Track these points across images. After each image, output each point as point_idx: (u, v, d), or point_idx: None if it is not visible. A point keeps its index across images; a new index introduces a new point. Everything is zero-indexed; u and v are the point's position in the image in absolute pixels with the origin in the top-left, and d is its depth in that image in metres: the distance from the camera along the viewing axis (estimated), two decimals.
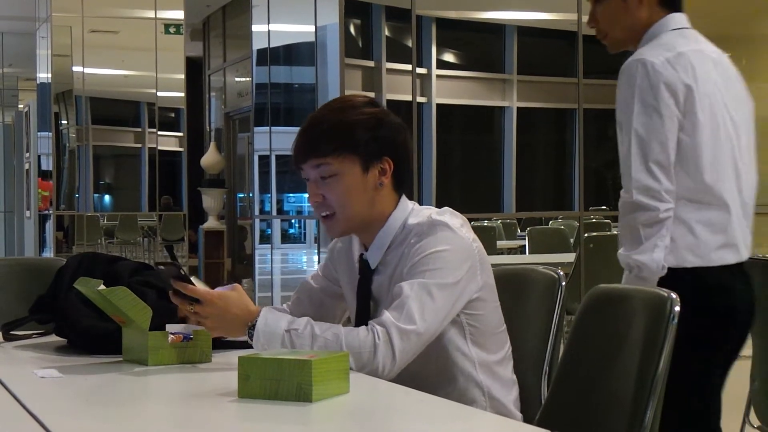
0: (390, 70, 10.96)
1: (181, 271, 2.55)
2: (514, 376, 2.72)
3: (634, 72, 3.02)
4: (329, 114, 2.64)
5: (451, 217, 2.63)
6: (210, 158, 14.75)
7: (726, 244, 3.05)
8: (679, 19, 3.20)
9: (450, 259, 2.53)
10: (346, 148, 2.58)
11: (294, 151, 2.66)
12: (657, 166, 2.97)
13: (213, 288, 2.59)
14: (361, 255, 2.71)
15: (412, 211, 2.67)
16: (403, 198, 2.69)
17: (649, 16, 3.18)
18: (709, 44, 3.22)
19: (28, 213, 16.15)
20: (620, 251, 3.09)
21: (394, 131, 2.65)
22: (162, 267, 2.60)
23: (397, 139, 2.65)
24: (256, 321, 2.48)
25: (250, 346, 2.49)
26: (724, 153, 3.06)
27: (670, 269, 2.97)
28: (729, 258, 3.05)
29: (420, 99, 10.75)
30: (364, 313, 2.65)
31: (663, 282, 2.83)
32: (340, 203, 2.61)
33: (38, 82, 14.65)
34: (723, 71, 3.14)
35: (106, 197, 15.09)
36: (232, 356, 2.22)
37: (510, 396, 2.68)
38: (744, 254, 3.12)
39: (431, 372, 2.60)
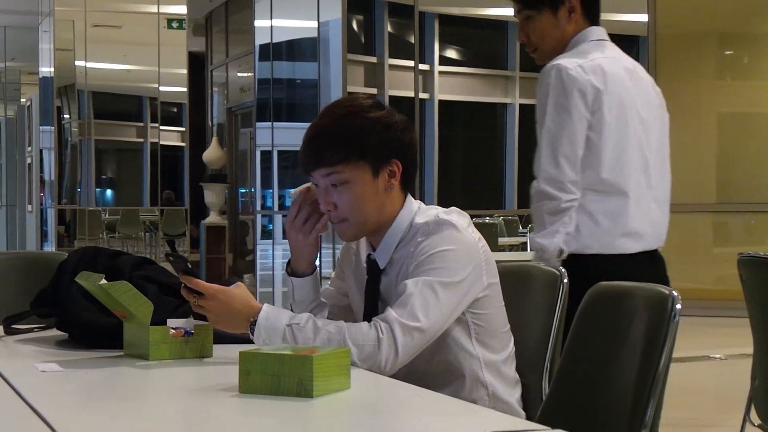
0: (392, 66, 10.96)
1: (188, 264, 2.56)
2: (518, 375, 2.72)
3: (550, 76, 3.30)
4: (335, 121, 2.61)
5: (458, 216, 2.62)
6: (212, 153, 14.76)
7: (628, 233, 3.31)
8: (597, 32, 3.47)
9: (455, 258, 2.53)
10: (356, 155, 2.57)
11: (302, 160, 2.64)
12: (564, 160, 3.25)
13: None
14: (369, 255, 2.71)
15: (418, 210, 2.66)
16: (409, 197, 2.69)
17: (575, 29, 3.45)
18: (624, 55, 3.50)
19: (29, 207, 16.17)
20: (529, 233, 3.27)
21: (401, 132, 2.63)
22: (172, 258, 2.61)
23: (405, 139, 2.64)
24: (258, 316, 2.48)
25: (252, 341, 2.49)
26: (630, 150, 3.32)
27: (575, 255, 3.26)
28: (632, 246, 3.31)
29: (422, 95, 10.76)
30: (372, 313, 2.64)
31: (569, 267, 2.90)
32: (352, 210, 2.60)
33: (41, 76, 14.66)
34: (637, 79, 3.43)
35: (108, 192, 15.11)
36: (233, 351, 2.22)
37: (514, 395, 2.68)
38: (652, 243, 3.38)
39: (436, 371, 2.60)
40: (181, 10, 13.72)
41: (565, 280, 2.76)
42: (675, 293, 2.26)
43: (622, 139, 3.30)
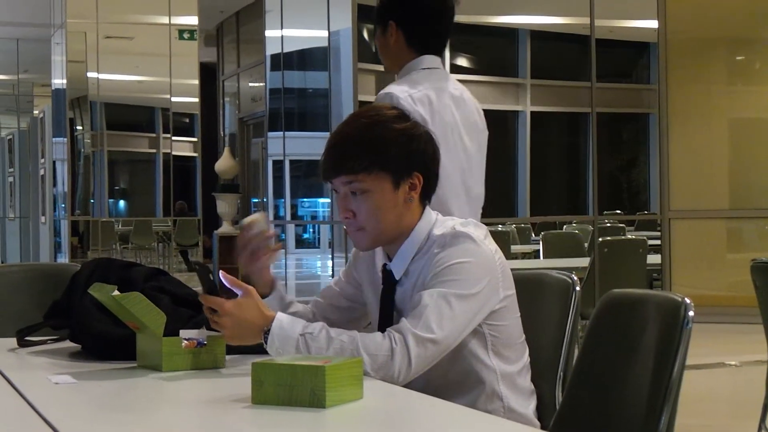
0: None
1: (210, 276, 2.57)
2: (533, 386, 2.71)
3: (386, 101, 3.51)
4: (360, 130, 2.61)
5: (474, 228, 2.62)
6: (224, 163, 14.74)
7: None
8: (428, 60, 3.69)
9: (471, 270, 2.52)
10: (378, 166, 2.57)
11: (323, 166, 2.63)
12: None
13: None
14: (385, 265, 2.71)
15: (436, 222, 2.66)
16: (427, 209, 2.68)
17: (399, 55, 3.71)
18: (452, 82, 3.74)
19: (43, 219, 16.20)
20: None
21: (424, 145, 2.63)
22: (198, 267, 2.61)
23: (428, 152, 2.64)
24: (271, 325, 2.48)
25: (264, 352, 2.49)
26: (454, 173, 3.63)
27: None
28: None
29: None
30: (387, 323, 2.64)
31: None
32: (370, 219, 2.60)
33: (53, 88, 14.70)
34: (462, 106, 3.70)
35: (121, 202, 15.13)
36: (246, 362, 2.22)
37: (529, 407, 2.67)
38: None
39: (452, 382, 2.59)
40: (193, 20, 13.75)
41: (578, 288, 2.76)
42: (687, 300, 2.26)
43: (447, 166, 3.45)
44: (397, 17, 3.66)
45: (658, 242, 10.65)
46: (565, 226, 11.43)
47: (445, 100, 3.63)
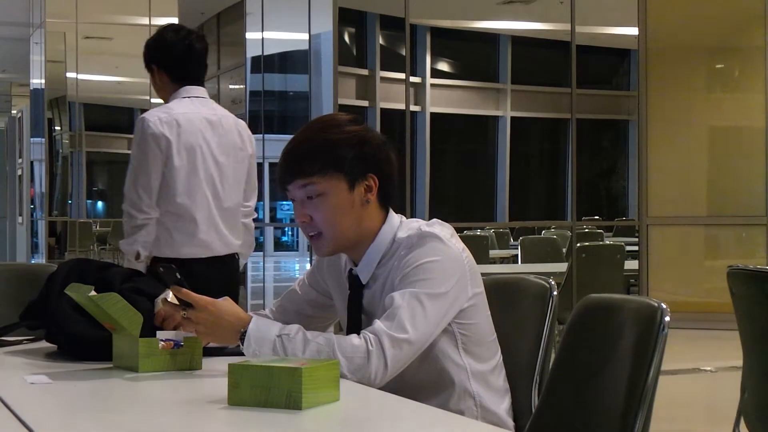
0: (384, 79, 10.97)
1: (177, 275, 2.57)
2: (507, 385, 2.72)
3: (138, 124, 4.31)
4: (313, 134, 2.64)
5: (440, 227, 2.63)
6: None
7: (195, 244, 4.33)
8: (190, 90, 4.44)
9: (440, 269, 2.54)
10: (332, 167, 2.59)
11: (279, 173, 2.66)
12: (141, 189, 4.26)
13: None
14: (351, 270, 2.72)
15: (401, 225, 2.68)
16: (391, 212, 2.70)
17: (166, 89, 4.46)
18: (212, 109, 4.47)
19: (20, 219, 16.13)
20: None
21: (376, 148, 2.65)
22: (162, 269, 2.61)
23: (381, 155, 2.66)
24: (248, 327, 2.48)
25: (241, 354, 2.49)
26: (199, 184, 4.32)
27: (157, 258, 4.23)
28: (198, 253, 4.34)
29: (414, 108, 10.76)
30: (356, 326, 2.65)
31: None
32: (327, 223, 2.61)
33: (32, 88, 14.65)
34: (218, 128, 4.41)
35: (99, 203, 15.08)
36: (223, 363, 2.22)
37: (502, 405, 2.68)
38: (220, 251, 4.40)
39: (424, 381, 2.60)
40: (173, 22, 13.72)
41: (555, 293, 2.77)
42: (664, 306, 2.27)
43: (193, 177, 4.30)
44: (156, 62, 4.46)
45: (636, 248, 10.68)
46: (543, 232, 11.45)
47: (196, 123, 4.34)
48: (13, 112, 18.84)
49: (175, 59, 4.43)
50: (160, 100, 4.58)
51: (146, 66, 4.51)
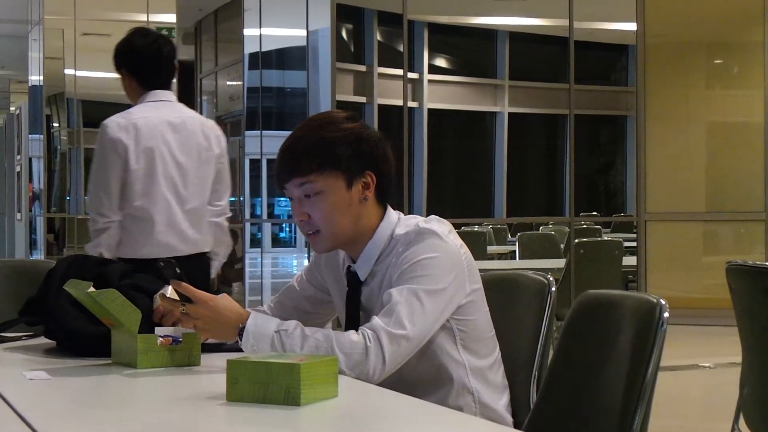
0: (381, 75, 10.96)
1: (176, 269, 2.57)
2: (506, 381, 2.72)
3: (100, 129, 4.40)
4: (309, 132, 2.64)
5: (438, 224, 2.63)
6: None
7: (154, 244, 4.39)
8: (156, 94, 4.51)
9: (438, 265, 2.54)
10: (329, 165, 2.59)
11: (276, 171, 2.65)
12: (102, 193, 4.36)
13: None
14: (349, 267, 2.72)
15: (398, 222, 2.68)
16: (389, 209, 2.70)
17: (135, 92, 4.54)
18: (176, 111, 4.52)
19: (18, 215, 16.12)
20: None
21: (373, 145, 2.65)
22: (162, 264, 2.61)
23: (378, 152, 2.66)
24: (246, 322, 2.48)
25: (240, 350, 2.49)
26: (159, 186, 4.40)
27: (122, 258, 4.22)
28: (158, 253, 4.30)
29: (411, 104, 10.75)
30: (355, 323, 2.65)
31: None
32: (325, 220, 2.61)
33: (30, 85, 14.63)
34: (181, 130, 4.47)
35: None
36: (221, 359, 2.22)
37: (501, 401, 2.68)
38: (183, 250, 4.44)
39: (422, 377, 2.60)
40: (171, 18, 13.69)
41: (554, 289, 2.77)
42: (663, 302, 2.27)
43: (151, 179, 4.38)
44: (125, 66, 4.54)
45: (634, 244, 10.68)
46: (541, 228, 11.45)
47: (156, 126, 4.41)
48: (11, 109, 18.82)
49: (143, 64, 4.52)
50: None
51: (117, 70, 4.60)
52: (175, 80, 4.85)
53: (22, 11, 14.51)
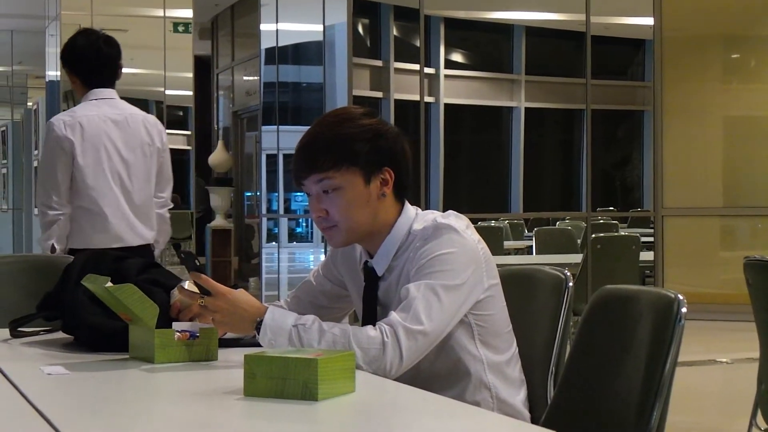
0: (398, 70, 10.96)
1: (196, 261, 2.57)
2: (523, 376, 2.72)
3: (46, 127, 4.68)
4: (327, 128, 2.64)
5: (455, 219, 2.63)
6: (218, 157, 14.76)
7: (105, 236, 4.64)
8: (99, 92, 4.76)
9: (456, 261, 2.53)
10: (347, 161, 2.59)
11: (294, 168, 2.65)
12: (50, 188, 4.62)
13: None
14: (366, 262, 2.72)
15: (416, 217, 2.68)
16: (406, 204, 2.70)
17: (80, 91, 4.79)
18: (119, 109, 4.78)
19: (36, 211, 16.15)
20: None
21: (392, 141, 2.65)
22: (183, 255, 2.62)
23: (396, 148, 2.66)
24: (264, 316, 2.48)
25: (257, 345, 2.49)
26: (106, 180, 4.66)
27: (72, 249, 4.52)
28: (109, 243, 4.60)
29: (428, 99, 10.75)
30: (372, 318, 2.65)
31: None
32: (343, 216, 2.61)
33: (47, 80, 14.65)
34: (124, 127, 4.75)
35: None
36: (239, 354, 2.22)
37: (518, 396, 2.68)
38: (131, 242, 4.72)
39: (440, 373, 2.60)
40: (187, 14, 13.70)
41: (571, 284, 2.77)
42: (681, 297, 2.26)
43: (100, 174, 4.65)
44: (68, 66, 4.79)
45: (651, 239, 10.66)
46: (558, 223, 11.42)
47: (99, 124, 4.67)
48: (29, 104, 18.85)
49: (84, 63, 4.76)
50: (175, 92, 4.79)
51: (64, 69, 4.87)
52: (191, 75, 5.06)
53: (40, 7, 14.55)
